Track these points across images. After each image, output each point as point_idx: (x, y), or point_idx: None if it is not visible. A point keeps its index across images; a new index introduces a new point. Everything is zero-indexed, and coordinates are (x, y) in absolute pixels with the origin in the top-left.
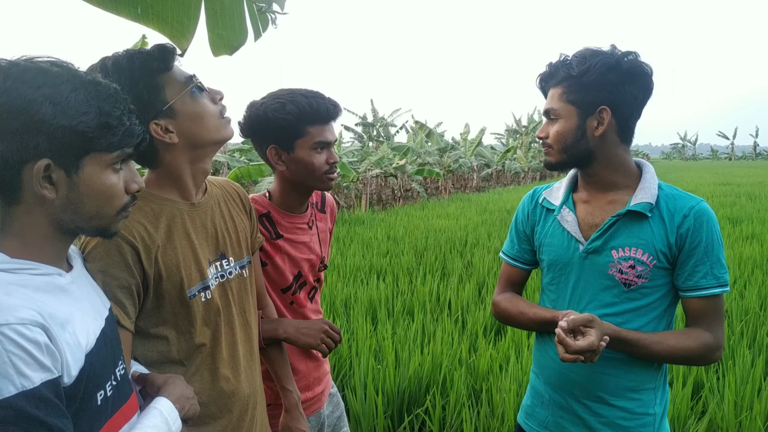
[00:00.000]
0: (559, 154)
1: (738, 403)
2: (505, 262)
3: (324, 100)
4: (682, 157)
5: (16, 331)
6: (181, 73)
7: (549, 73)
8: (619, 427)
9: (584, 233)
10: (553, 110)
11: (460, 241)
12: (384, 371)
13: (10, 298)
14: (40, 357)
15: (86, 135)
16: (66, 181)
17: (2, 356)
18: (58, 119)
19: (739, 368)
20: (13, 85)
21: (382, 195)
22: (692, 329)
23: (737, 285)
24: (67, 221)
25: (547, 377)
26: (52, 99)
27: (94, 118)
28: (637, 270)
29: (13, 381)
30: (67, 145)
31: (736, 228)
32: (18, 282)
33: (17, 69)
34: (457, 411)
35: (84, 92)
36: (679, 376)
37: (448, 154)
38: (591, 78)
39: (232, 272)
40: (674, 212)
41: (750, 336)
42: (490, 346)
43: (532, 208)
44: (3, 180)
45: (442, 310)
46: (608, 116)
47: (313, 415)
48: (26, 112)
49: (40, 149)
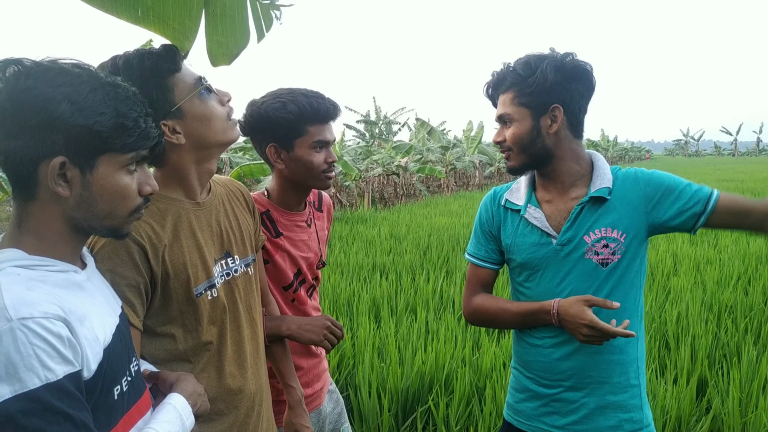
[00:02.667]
0: (519, 156)
1: (743, 400)
2: (473, 264)
3: (324, 100)
4: (684, 153)
5: (40, 325)
6: (190, 74)
7: (497, 80)
8: (612, 402)
9: (554, 228)
10: (506, 115)
11: (462, 238)
12: (387, 369)
13: (32, 292)
14: (63, 350)
15: (102, 135)
16: (80, 179)
17: (27, 349)
18: (75, 118)
19: (744, 365)
20: (34, 84)
21: (385, 193)
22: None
23: (741, 281)
24: (80, 220)
25: (535, 371)
26: (71, 98)
27: (111, 118)
28: (611, 248)
29: (38, 373)
30: (83, 144)
31: None
32: (37, 278)
33: (39, 68)
34: (463, 409)
35: (102, 93)
36: (683, 373)
37: (451, 152)
38: (540, 80)
39: (237, 270)
40: (625, 183)
41: (755, 332)
42: (493, 344)
43: (495, 208)
44: (20, 176)
45: (445, 308)
46: (561, 114)
47: (313, 411)
48: (45, 110)
49: (57, 147)
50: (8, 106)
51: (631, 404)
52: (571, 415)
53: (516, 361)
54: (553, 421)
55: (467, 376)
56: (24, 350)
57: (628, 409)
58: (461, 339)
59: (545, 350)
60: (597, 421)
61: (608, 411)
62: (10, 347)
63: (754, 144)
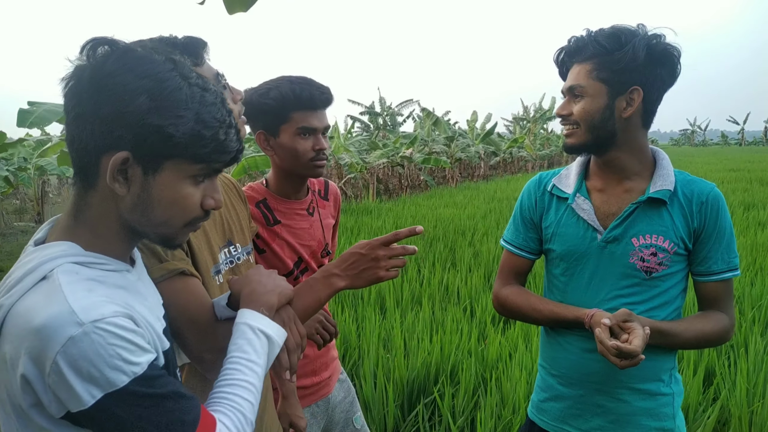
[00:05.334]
0: (585, 135)
1: (750, 391)
2: (508, 251)
3: (311, 86)
4: (691, 143)
5: (113, 324)
6: (210, 70)
7: (575, 48)
8: (641, 409)
9: (601, 222)
10: (579, 87)
11: (468, 229)
12: (393, 360)
13: (94, 294)
14: (140, 342)
15: (174, 139)
16: (141, 180)
17: (108, 350)
18: (150, 115)
19: (751, 355)
20: (117, 70)
21: (390, 184)
22: (710, 312)
23: (749, 272)
24: (134, 222)
25: (562, 372)
26: (152, 93)
27: (188, 123)
28: (659, 257)
29: (124, 370)
30: (152, 145)
31: (748, 214)
32: (96, 277)
33: (129, 55)
34: (469, 400)
35: (187, 93)
36: (690, 364)
37: (456, 143)
38: (627, 57)
39: (240, 258)
40: (692, 198)
41: (762, 323)
42: (498, 334)
43: (540, 195)
44: (82, 162)
45: (450, 299)
46: (639, 98)
47: (321, 400)
48: (121, 100)
49: (123, 141)
50: (86, 89)
51: (662, 412)
52: (598, 419)
53: (543, 357)
54: (579, 424)
55: (473, 367)
56: (104, 352)
57: (659, 418)
58: (467, 330)
59: (575, 349)
60: (626, 428)
61: (637, 418)
62: (88, 351)
63: (762, 133)
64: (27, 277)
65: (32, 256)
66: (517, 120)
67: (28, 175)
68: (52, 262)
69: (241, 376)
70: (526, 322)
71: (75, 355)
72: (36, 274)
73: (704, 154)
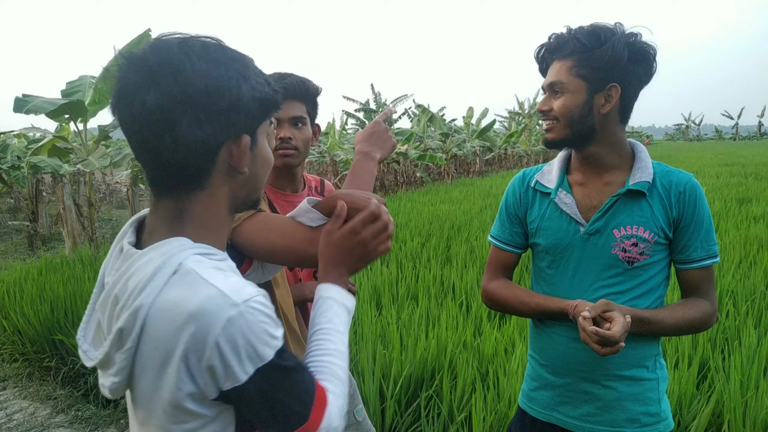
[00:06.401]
0: (564, 130)
1: (744, 383)
2: (495, 246)
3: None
4: (685, 138)
5: (259, 302)
6: None
7: (555, 44)
8: (628, 394)
9: (584, 215)
10: (560, 83)
11: (463, 225)
12: (390, 356)
13: (232, 277)
14: (275, 317)
15: (265, 105)
16: (251, 155)
17: (259, 326)
18: (252, 93)
19: (745, 348)
20: (205, 67)
21: (385, 181)
22: (691, 299)
23: (743, 265)
24: (243, 197)
25: (550, 361)
26: (242, 74)
27: (268, 87)
28: (640, 247)
29: (270, 344)
30: (256, 118)
31: (742, 208)
32: (216, 266)
33: (198, 47)
34: (468, 394)
35: (252, 65)
36: (685, 356)
37: (451, 139)
38: (606, 54)
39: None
40: (670, 188)
41: (756, 316)
42: (494, 329)
43: (524, 191)
44: (197, 166)
45: (446, 295)
46: (617, 94)
47: None
48: (229, 90)
49: (239, 126)
50: (190, 92)
51: (648, 397)
52: (586, 405)
53: (532, 348)
54: (568, 411)
55: (469, 362)
56: (256, 328)
57: (645, 402)
58: (462, 325)
59: (562, 339)
60: (613, 413)
61: (625, 403)
62: (245, 329)
63: (756, 128)
64: (157, 275)
65: (149, 255)
66: (512, 115)
67: (22, 174)
68: (177, 256)
69: (334, 346)
70: (511, 314)
71: (234, 334)
72: (167, 269)
73: (699, 149)
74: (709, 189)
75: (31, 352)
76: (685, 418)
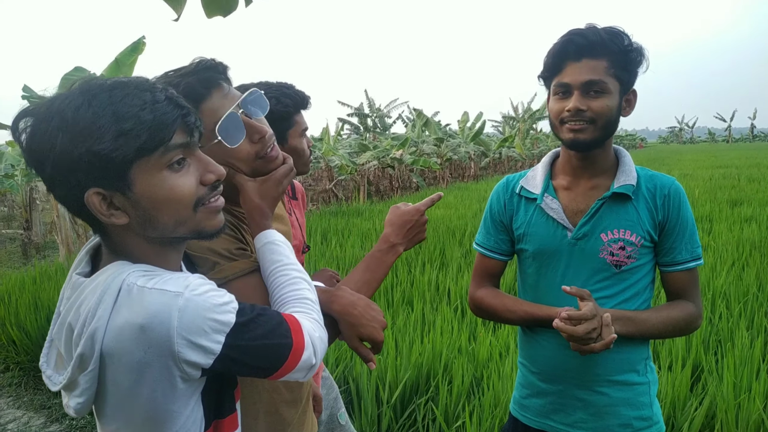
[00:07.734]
0: (598, 131)
1: (737, 385)
2: (481, 254)
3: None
4: (679, 140)
5: (198, 284)
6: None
7: (588, 42)
8: (620, 399)
9: (570, 220)
10: (601, 83)
11: (458, 230)
12: (385, 361)
13: (168, 276)
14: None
15: (110, 153)
16: (126, 201)
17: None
18: (76, 147)
19: (737, 350)
20: (35, 124)
21: (380, 186)
22: (676, 302)
23: (735, 267)
24: (155, 237)
25: (540, 368)
26: (61, 127)
27: (109, 130)
28: (627, 251)
29: (226, 309)
30: (100, 168)
31: (735, 210)
32: (160, 274)
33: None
34: (465, 400)
35: (94, 106)
36: (678, 358)
37: (446, 144)
38: (634, 56)
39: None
40: (655, 191)
41: (748, 318)
42: (489, 334)
43: (508, 197)
44: (81, 215)
45: (441, 300)
46: (635, 98)
47: None
48: (51, 149)
49: (83, 182)
50: (29, 159)
51: (639, 401)
52: (579, 412)
53: (522, 355)
54: (561, 418)
55: (464, 367)
56: (207, 304)
57: (637, 407)
58: (457, 329)
59: (552, 346)
60: (606, 419)
61: (617, 408)
62: (198, 310)
63: (749, 130)
64: (104, 297)
65: (95, 282)
66: (506, 120)
67: (16, 182)
68: (118, 277)
69: (294, 274)
70: (498, 322)
71: (191, 320)
72: (112, 290)
73: (692, 152)
74: (702, 191)
75: (26, 361)
76: (678, 420)
